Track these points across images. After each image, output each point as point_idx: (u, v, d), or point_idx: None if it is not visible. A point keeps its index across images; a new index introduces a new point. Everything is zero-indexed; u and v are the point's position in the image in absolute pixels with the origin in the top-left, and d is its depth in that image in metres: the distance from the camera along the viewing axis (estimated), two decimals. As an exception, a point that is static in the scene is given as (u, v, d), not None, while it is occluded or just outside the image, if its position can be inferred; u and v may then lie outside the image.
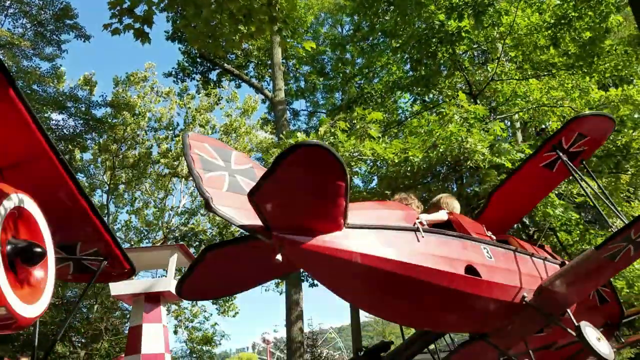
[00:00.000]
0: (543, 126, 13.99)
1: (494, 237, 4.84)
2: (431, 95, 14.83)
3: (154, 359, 6.70)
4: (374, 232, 3.70)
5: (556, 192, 12.19)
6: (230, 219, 3.39)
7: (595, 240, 11.46)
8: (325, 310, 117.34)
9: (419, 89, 14.03)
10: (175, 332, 27.71)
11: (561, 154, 4.92)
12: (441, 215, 4.92)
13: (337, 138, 10.57)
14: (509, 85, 12.87)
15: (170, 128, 26.55)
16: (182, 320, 28.02)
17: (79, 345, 23.02)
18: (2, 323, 2.78)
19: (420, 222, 4.07)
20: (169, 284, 6.35)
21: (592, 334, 4.08)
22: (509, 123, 14.40)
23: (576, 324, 4.27)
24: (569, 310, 4.69)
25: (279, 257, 3.28)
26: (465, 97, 10.93)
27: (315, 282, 19.78)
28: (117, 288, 6.81)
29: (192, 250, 21.57)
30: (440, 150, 9.79)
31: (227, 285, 4.37)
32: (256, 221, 3.40)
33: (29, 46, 21.78)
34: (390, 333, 41.73)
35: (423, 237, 3.92)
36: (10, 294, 2.69)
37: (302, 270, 19.22)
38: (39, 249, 2.90)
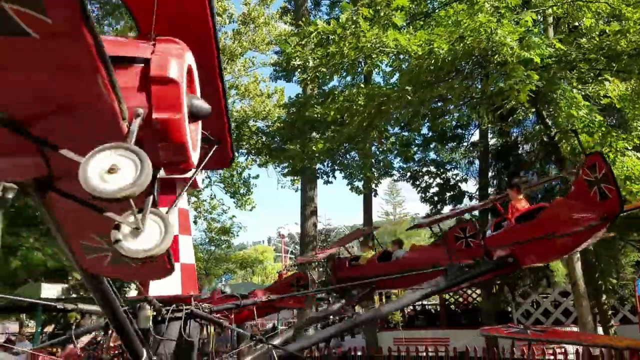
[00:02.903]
0: (576, 23, 13.31)
1: None
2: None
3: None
4: None
5: (582, 94, 11.86)
6: None
7: (616, 143, 11.25)
8: (339, 208, 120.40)
9: (451, -25, 13.24)
10: (195, 222, 28.84)
11: None
12: None
13: (359, 27, 10.16)
14: (546, -24, 12.08)
15: (187, 17, 25.77)
16: (201, 212, 29.09)
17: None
18: (175, 159, 2.96)
19: None
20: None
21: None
22: (541, 18, 13.68)
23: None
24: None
25: None
26: (498, -14, 10.31)
27: (330, 179, 19.97)
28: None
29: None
30: (468, 42, 9.38)
31: None
32: None
33: None
34: (400, 232, 42.84)
35: None
36: (188, 138, 2.94)
37: (317, 166, 19.48)
38: (207, 106, 3.07)
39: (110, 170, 2.49)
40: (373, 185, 19.59)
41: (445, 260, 8.71)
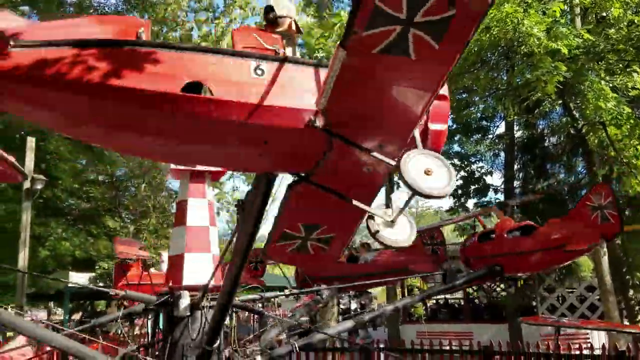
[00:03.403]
0: (604, 14, 13.03)
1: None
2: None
3: (199, 231, 6.99)
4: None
5: (610, 85, 11.62)
6: None
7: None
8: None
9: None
10: (218, 214, 29.17)
11: None
12: None
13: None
14: (574, -35, 11.84)
15: (210, 10, 25.92)
16: (223, 203, 29.44)
17: (129, 220, 24.51)
18: None
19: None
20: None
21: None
22: (568, 9, 13.42)
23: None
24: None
25: None
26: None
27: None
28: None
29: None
30: (494, 33, 9.27)
31: None
32: None
33: None
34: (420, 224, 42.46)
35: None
36: None
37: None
38: None
39: (427, 172, 2.91)
40: (395, 178, 19.45)
41: (412, 263, 10.25)
